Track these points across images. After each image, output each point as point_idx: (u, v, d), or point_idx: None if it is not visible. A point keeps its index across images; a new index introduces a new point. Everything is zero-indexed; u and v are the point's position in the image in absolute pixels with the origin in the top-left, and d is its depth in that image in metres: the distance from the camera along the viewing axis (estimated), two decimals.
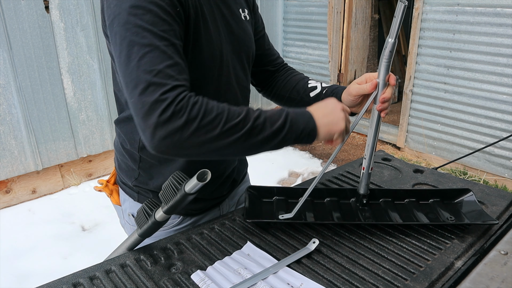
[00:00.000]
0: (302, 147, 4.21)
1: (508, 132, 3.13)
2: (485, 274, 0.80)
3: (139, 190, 1.06)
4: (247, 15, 1.04)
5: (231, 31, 0.98)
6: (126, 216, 1.12)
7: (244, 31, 1.02)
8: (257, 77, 1.22)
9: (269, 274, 0.80)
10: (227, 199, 1.16)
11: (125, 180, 1.09)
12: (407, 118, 3.84)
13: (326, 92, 1.10)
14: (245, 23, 1.03)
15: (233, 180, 1.16)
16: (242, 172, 1.23)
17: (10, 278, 2.32)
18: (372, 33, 4.82)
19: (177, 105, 0.72)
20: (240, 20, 1.01)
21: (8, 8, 2.73)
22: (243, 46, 1.02)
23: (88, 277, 0.81)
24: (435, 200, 1.05)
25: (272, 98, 1.24)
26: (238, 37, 1.00)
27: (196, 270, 0.83)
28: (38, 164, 3.13)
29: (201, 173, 0.78)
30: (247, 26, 1.04)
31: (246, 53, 1.04)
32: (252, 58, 1.09)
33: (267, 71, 1.21)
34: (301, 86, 1.15)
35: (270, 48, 1.21)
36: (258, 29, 1.15)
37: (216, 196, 1.11)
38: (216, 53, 0.92)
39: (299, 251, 0.87)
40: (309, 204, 1.03)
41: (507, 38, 3.01)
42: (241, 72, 1.03)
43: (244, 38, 1.02)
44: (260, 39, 1.15)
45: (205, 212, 1.11)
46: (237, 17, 1.01)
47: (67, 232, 2.78)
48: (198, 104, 0.75)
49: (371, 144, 0.95)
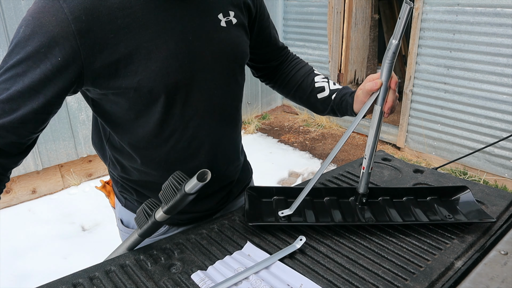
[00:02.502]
0: (302, 147, 4.22)
1: (508, 132, 3.13)
2: (485, 274, 0.80)
3: (126, 197, 1.05)
4: (233, 18, 0.91)
5: (199, 47, 0.85)
6: (117, 220, 1.12)
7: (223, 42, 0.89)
8: (259, 71, 1.18)
9: (260, 268, 0.80)
10: (222, 210, 1.11)
11: (113, 183, 1.09)
12: (407, 118, 3.84)
13: (335, 99, 1.06)
14: (227, 30, 0.90)
15: (229, 193, 1.09)
16: (244, 183, 1.15)
17: (10, 278, 2.32)
18: (372, 33, 4.82)
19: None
20: (217, 30, 0.88)
21: (8, 8, 2.73)
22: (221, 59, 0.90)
23: (88, 277, 0.81)
24: (433, 198, 1.05)
25: (278, 91, 1.20)
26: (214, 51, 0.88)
27: (196, 270, 0.83)
28: (38, 164, 3.13)
29: (201, 173, 0.78)
30: (230, 33, 0.91)
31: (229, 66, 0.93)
32: (241, 67, 0.98)
33: (270, 66, 1.17)
34: (307, 85, 1.11)
35: (276, 43, 1.13)
36: (265, 24, 1.06)
37: (204, 209, 1.05)
38: (152, 86, 0.81)
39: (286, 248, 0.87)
40: (309, 203, 1.03)
41: (507, 38, 3.01)
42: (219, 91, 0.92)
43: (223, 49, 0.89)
44: (265, 35, 1.08)
45: (195, 222, 1.05)
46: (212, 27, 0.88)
47: (67, 232, 2.78)
48: None
49: (372, 144, 0.95)
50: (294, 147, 4.25)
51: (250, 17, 0.99)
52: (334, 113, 1.10)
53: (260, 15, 1.03)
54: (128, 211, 1.05)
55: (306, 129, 4.71)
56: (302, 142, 4.36)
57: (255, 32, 1.04)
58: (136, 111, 0.86)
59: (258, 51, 1.09)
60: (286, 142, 4.39)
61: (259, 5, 1.01)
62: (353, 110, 1.02)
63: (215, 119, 0.94)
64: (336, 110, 1.08)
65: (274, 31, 1.12)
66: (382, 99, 0.91)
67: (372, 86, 0.90)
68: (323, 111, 1.12)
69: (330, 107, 1.09)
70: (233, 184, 1.10)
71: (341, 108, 1.06)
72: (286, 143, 4.34)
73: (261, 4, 1.03)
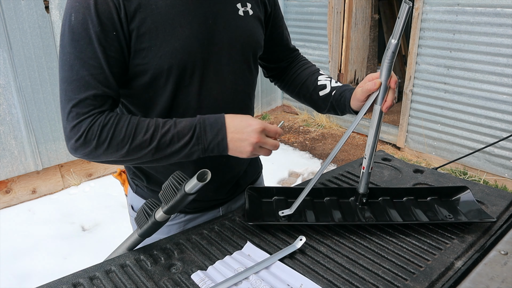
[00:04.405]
0: (302, 147, 4.22)
1: (508, 132, 3.13)
2: (485, 274, 0.80)
3: (137, 183, 1.09)
4: (249, 9, 0.97)
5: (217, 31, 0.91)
6: (128, 206, 1.15)
7: (240, 29, 0.95)
8: (270, 71, 1.22)
9: (260, 268, 0.80)
10: (229, 202, 1.13)
11: (126, 171, 1.13)
12: (407, 118, 3.84)
13: (335, 95, 1.08)
14: (244, 18, 0.96)
15: (236, 184, 1.12)
16: (252, 177, 1.18)
17: (10, 278, 2.32)
18: (372, 33, 4.82)
19: (87, 133, 0.82)
20: (235, 17, 0.94)
21: (8, 8, 2.73)
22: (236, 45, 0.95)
23: (88, 277, 0.81)
24: (433, 198, 1.05)
25: (283, 89, 1.23)
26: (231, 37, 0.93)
27: (196, 270, 0.83)
28: (38, 164, 3.13)
29: (201, 173, 0.78)
30: (247, 22, 0.96)
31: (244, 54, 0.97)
32: (255, 56, 1.02)
33: (280, 67, 1.20)
34: (311, 83, 1.13)
35: (288, 44, 1.17)
36: (278, 23, 1.10)
37: (213, 198, 1.09)
38: (174, 63, 0.87)
39: (286, 248, 0.87)
40: (309, 203, 1.03)
41: (507, 38, 3.01)
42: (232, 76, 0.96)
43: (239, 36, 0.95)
44: (278, 34, 1.12)
45: (202, 212, 1.09)
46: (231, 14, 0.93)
47: (67, 232, 2.78)
48: (107, 126, 0.83)
49: (372, 144, 0.95)
50: (294, 147, 4.25)
51: (265, 13, 1.05)
52: (334, 110, 1.11)
53: (275, 13, 1.08)
54: (139, 197, 1.09)
55: (306, 129, 4.72)
56: (302, 142, 4.36)
57: (269, 29, 1.08)
58: (155, 87, 0.90)
59: (270, 49, 1.12)
60: (286, 142, 4.39)
61: (273, 4, 1.07)
62: (350, 107, 1.03)
63: (227, 102, 0.97)
64: (335, 106, 1.09)
65: (286, 32, 1.16)
66: (381, 98, 0.91)
67: (371, 86, 0.91)
68: (324, 109, 1.14)
69: (330, 103, 1.10)
70: (240, 174, 1.12)
71: (339, 104, 1.07)
72: (286, 143, 4.34)
73: (276, 4, 1.09)
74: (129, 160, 0.87)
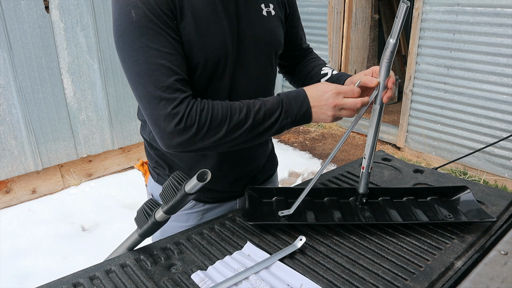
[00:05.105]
0: (302, 147, 4.22)
1: (508, 132, 3.13)
2: (485, 274, 0.80)
3: (159, 173, 1.11)
4: (272, 10, 1.02)
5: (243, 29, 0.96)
6: (148, 195, 1.18)
7: (264, 28, 0.99)
8: (283, 67, 1.26)
9: (260, 268, 0.80)
10: None
11: (149, 161, 1.15)
12: (407, 118, 3.84)
13: (332, 78, 1.12)
14: (267, 18, 1.00)
15: (254, 178, 1.16)
16: (269, 172, 1.23)
17: (10, 278, 2.32)
18: (372, 33, 4.82)
19: (187, 117, 0.84)
20: (259, 16, 0.98)
21: (8, 8, 2.73)
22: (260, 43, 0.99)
23: (88, 277, 0.81)
24: (433, 198, 1.05)
25: (291, 83, 1.28)
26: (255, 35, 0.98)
27: (196, 270, 0.83)
28: (38, 164, 3.13)
29: (201, 173, 0.78)
30: (270, 22, 1.01)
31: (266, 52, 1.02)
32: (276, 55, 1.07)
33: (293, 64, 1.24)
34: (315, 73, 1.17)
35: (302, 43, 1.21)
36: (294, 23, 1.15)
37: (231, 190, 1.12)
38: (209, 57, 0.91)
39: (286, 248, 0.87)
40: (309, 204, 1.03)
41: (507, 38, 3.01)
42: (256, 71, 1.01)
43: (262, 35, 0.99)
44: (294, 33, 1.15)
45: (220, 202, 1.12)
46: (255, 14, 0.98)
47: (67, 232, 2.78)
48: (205, 110, 0.85)
49: (371, 144, 0.95)
50: (294, 147, 4.25)
51: (285, 13, 1.09)
52: None
53: (292, 13, 1.12)
54: (159, 186, 1.11)
55: (306, 129, 4.72)
56: (302, 142, 4.36)
57: (286, 28, 1.12)
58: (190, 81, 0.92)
59: (284, 48, 1.15)
60: (286, 142, 4.39)
61: (292, 4, 1.12)
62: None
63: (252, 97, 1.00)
64: None
65: (302, 32, 1.21)
66: (380, 98, 0.92)
67: (368, 82, 0.92)
68: None
69: None
70: (259, 169, 1.16)
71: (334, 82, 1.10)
72: (286, 143, 4.34)
73: (294, 5, 1.13)
74: (223, 144, 0.89)
